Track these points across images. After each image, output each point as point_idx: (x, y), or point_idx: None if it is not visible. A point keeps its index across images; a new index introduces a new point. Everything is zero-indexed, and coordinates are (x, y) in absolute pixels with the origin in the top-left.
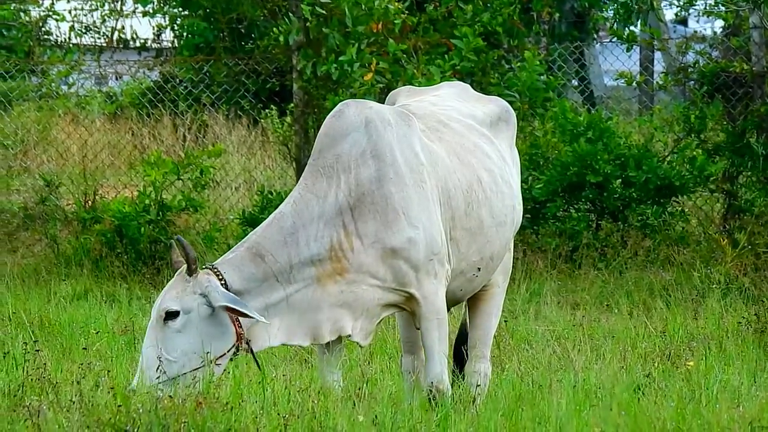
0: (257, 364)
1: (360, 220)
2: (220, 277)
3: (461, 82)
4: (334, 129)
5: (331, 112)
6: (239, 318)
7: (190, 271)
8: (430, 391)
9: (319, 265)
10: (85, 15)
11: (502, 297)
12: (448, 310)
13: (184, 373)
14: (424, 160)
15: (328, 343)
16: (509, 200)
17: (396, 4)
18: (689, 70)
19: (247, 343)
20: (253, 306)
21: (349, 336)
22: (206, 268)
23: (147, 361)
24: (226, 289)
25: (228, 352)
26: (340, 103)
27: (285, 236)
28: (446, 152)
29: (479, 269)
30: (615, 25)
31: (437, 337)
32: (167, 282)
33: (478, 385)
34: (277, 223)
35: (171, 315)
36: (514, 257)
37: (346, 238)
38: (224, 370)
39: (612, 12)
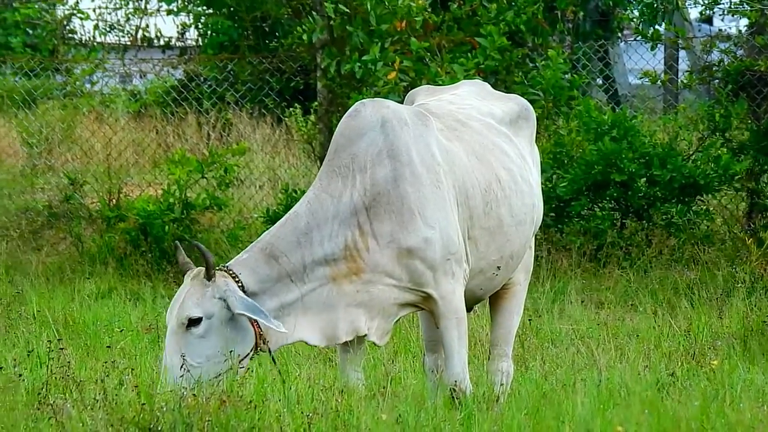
0: (275, 363)
1: (375, 220)
2: (236, 278)
3: (480, 81)
4: (350, 128)
5: (348, 112)
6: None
7: (209, 276)
8: (452, 390)
9: (333, 265)
10: (110, 13)
11: (524, 295)
12: (470, 309)
13: (209, 378)
14: (440, 160)
15: (351, 341)
16: (529, 199)
17: (419, 2)
18: (714, 68)
19: (265, 342)
20: (269, 306)
21: (365, 336)
22: (221, 269)
23: (172, 369)
24: (243, 290)
25: (249, 352)
26: (356, 103)
27: (299, 236)
28: (464, 151)
29: (499, 268)
30: (640, 24)
31: (456, 336)
32: None
33: (502, 384)
34: (291, 224)
35: (194, 321)
36: (538, 256)
37: (362, 237)
38: (246, 369)
39: (637, 11)
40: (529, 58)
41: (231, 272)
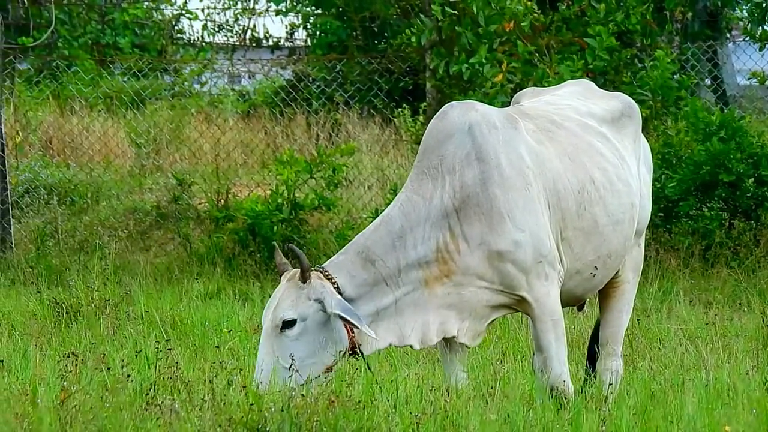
0: (370, 369)
1: (465, 222)
2: (333, 281)
3: (586, 80)
4: (438, 130)
5: (437, 114)
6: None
7: (304, 278)
8: (555, 391)
9: (426, 268)
10: (218, 14)
11: (633, 293)
12: (581, 308)
13: (301, 380)
14: (530, 163)
15: (451, 342)
16: (626, 198)
17: (527, 3)
18: None
19: (358, 347)
20: (366, 311)
21: (455, 337)
22: (317, 270)
23: (264, 370)
24: (339, 293)
25: (341, 357)
26: (445, 105)
27: (394, 240)
28: (557, 153)
29: (596, 268)
30: (748, 24)
31: (554, 338)
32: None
33: (611, 384)
34: (386, 227)
35: (288, 324)
36: (646, 256)
37: (452, 240)
38: (334, 373)
39: (745, 12)
40: (638, 59)
41: (327, 274)
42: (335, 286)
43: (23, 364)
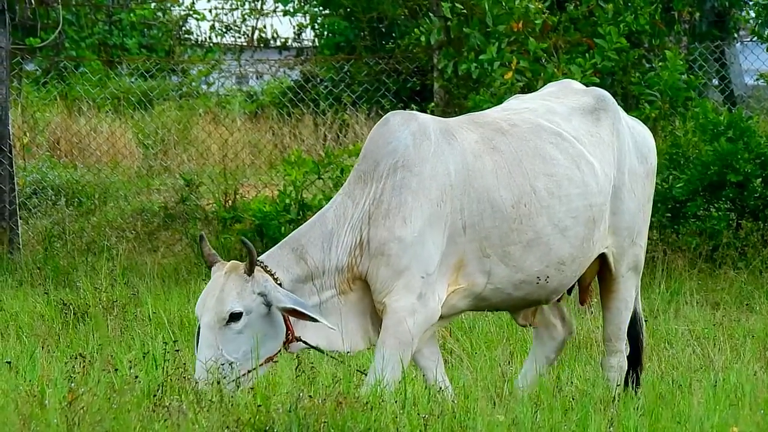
0: (323, 352)
1: (372, 225)
2: (274, 275)
3: (568, 80)
4: (378, 136)
5: (379, 121)
6: (290, 316)
7: (251, 271)
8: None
9: (340, 274)
10: (226, 14)
11: (631, 290)
12: (582, 303)
13: (244, 374)
14: (454, 180)
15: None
16: (579, 201)
17: (536, 3)
18: None
19: (298, 339)
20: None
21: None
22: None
23: (207, 363)
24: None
25: (280, 349)
26: (389, 113)
27: (323, 241)
28: (494, 167)
29: (547, 276)
30: (756, 25)
31: (386, 357)
32: None
33: (618, 385)
34: (320, 227)
35: (235, 316)
36: (653, 256)
37: (359, 246)
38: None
39: (753, 12)
40: (646, 59)
41: (267, 268)
42: (277, 280)
43: (31, 366)
